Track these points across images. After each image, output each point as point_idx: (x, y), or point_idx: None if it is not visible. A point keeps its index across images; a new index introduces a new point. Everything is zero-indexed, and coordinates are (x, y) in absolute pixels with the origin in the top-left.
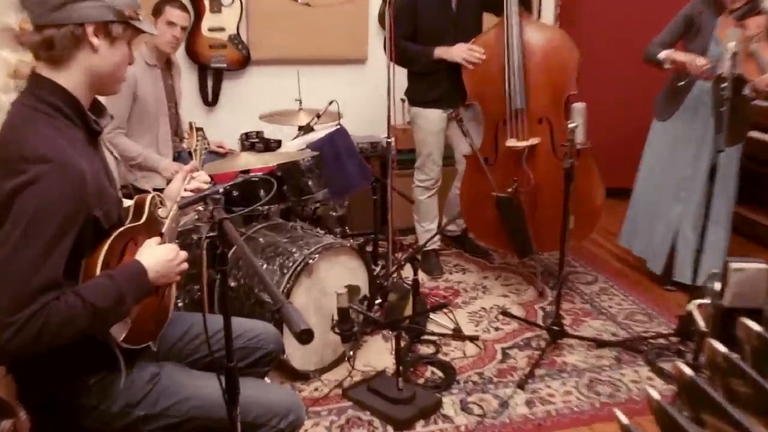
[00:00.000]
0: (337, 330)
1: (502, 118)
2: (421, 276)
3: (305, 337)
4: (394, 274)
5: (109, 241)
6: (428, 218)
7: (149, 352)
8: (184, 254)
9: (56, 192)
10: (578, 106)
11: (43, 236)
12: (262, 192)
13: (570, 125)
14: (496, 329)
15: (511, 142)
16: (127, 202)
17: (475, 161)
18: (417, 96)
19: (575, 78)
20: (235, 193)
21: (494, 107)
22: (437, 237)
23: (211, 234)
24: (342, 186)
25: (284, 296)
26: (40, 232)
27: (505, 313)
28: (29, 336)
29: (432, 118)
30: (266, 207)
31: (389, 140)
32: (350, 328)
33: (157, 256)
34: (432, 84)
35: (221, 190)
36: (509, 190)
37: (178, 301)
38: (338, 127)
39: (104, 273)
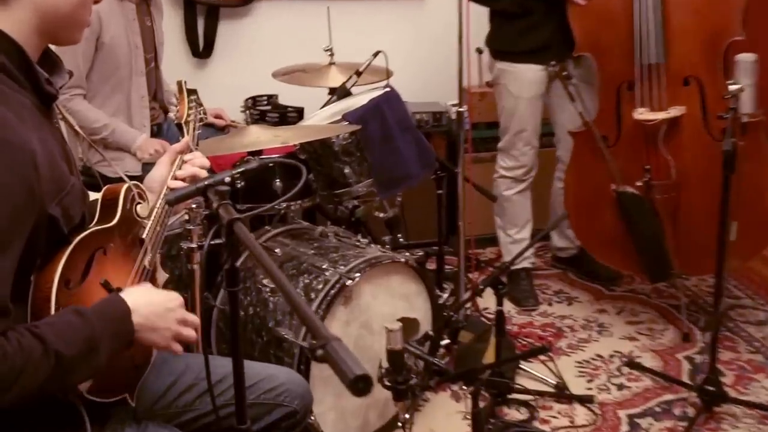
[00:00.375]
0: (387, 382)
1: (627, 78)
2: (508, 307)
3: (362, 385)
4: (469, 304)
5: (68, 251)
6: (517, 223)
7: (125, 408)
8: (196, 320)
9: None
10: (745, 60)
11: None
12: (278, 183)
13: (732, 87)
14: (620, 387)
15: (642, 114)
16: (93, 195)
17: (586, 140)
18: (504, 45)
19: (741, 18)
20: (239, 184)
21: (616, 63)
22: (530, 251)
23: (215, 241)
24: (392, 176)
25: (327, 329)
26: None
27: (633, 363)
28: None
29: (526, 78)
30: (284, 204)
31: (461, 110)
32: (405, 381)
33: (152, 299)
34: (526, 28)
35: (227, 178)
36: (638, 183)
37: None
38: (387, 90)
39: (71, 309)
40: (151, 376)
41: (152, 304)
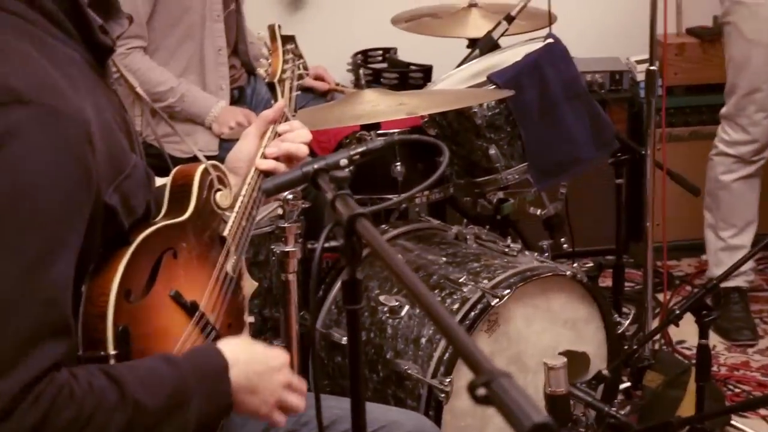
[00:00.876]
0: None
1: None
2: (714, 340)
3: None
4: (658, 335)
5: (129, 253)
6: (735, 222)
7: None
8: (300, 381)
9: (45, 160)
10: None
11: (30, 241)
12: (398, 167)
13: None
14: None
15: None
16: (159, 181)
17: None
18: None
19: None
20: (342, 171)
21: None
22: (749, 264)
23: (330, 244)
24: (555, 159)
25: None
26: (22, 235)
27: None
28: None
29: (766, 16)
30: (402, 201)
31: (652, 68)
32: None
33: (253, 354)
34: None
35: (344, 160)
36: None
37: None
38: (550, 42)
39: (159, 355)
40: (238, 419)
41: (254, 360)
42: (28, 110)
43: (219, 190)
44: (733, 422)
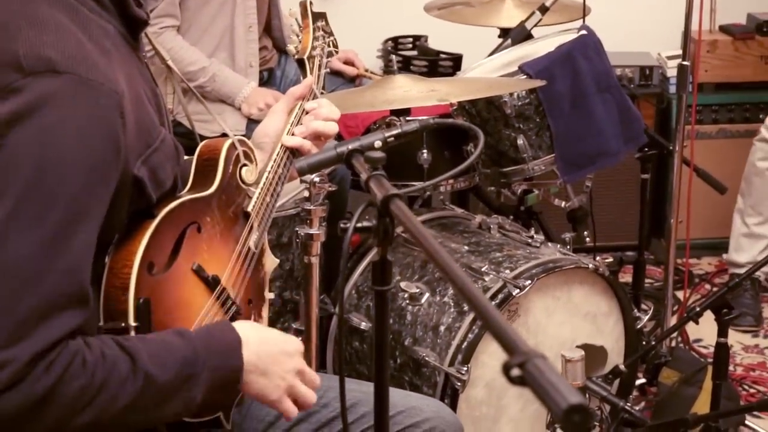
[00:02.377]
0: (560, 430)
1: None
2: (732, 340)
3: (578, 418)
4: (676, 333)
5: (153, 225)
6: (763, 210)
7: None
8: (314, 373)
9: (75, 130)
10: None
11: (55, 210)
12: (424, 154)
13: None
14: None
15: None
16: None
17: None
18: None
19: None
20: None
21: None
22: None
23: (362, 224)
24: (583, 151)
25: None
26: (48, 204)
27: None
28: (28, 398)
29: None
30: (429, 186)
31: (684, 63)
32: (579, 428)
33: (266, 336)
34: None
35: (379, 142)
36: None
37: None
38: (583, 33)
39: (172, 330)
40: (250, 406)
41: (267, 342)
42: (61, 80)
43: (245, 165)
44: (747, 422)
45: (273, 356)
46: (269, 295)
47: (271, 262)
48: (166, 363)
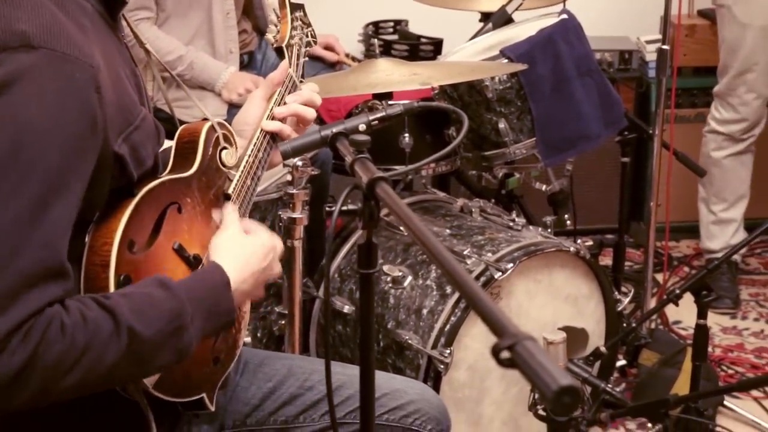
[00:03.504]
0: (541, 412)
1: None
2: (711, 321)
3: (568, 399)
4: (656, 315)
5: (133, 203)
6: (726, 197)
7: (204, 415)
8: (279, 244)
9: (49, 103)
10: None
11: (31, 184)
12: (405, 138)
13: None
14: None
15: None
16: (168, 144)
17: None
18: None
19: None
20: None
21: None
22: (740, 237)
23: (346, 207)
24: (564, 135)
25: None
26: (23, 178)
27: None
28: (6, 370)
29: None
30: (412, 170)
31: (664, 47)
32: (568, 410)
33: (248, 254)
34: None
35: (363, 125)
36: None
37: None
38: (564, 18)
39: (153, 279)
40: (244, 381)
41: (249, 262)
42: (36, 55)
43: (225, 148)
44: (726, 403)
45: (256, 272)
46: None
47: None
48: (152, 317)
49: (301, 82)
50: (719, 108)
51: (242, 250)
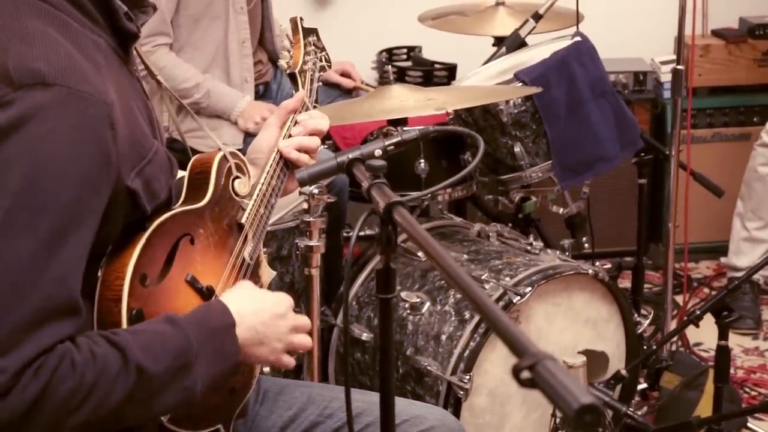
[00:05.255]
0: (578, 429)
1: None
2: (732, 343)
3: (590, 418)
4: (677, 337)
5: (145, 237)
6: (763, 215)
7: None
8: (305, 320)
9: (64, 140)
10: None
11: (45, 221)
12: (422, 164)
13: None
14: None
15: None
16: (181, 174)
17: None
18: None
19: None
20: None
21: None
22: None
23: (364, 232)
24: (580, 157)
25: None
26: (38, 215)
27: None
28: (17, 407)
29: None
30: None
31: (678, 67)
32: (590, 429)
33: (259, 305)
34: None
35: (379, 150)
36: None
37: None
38: (577, 40)
39: (163, 316)
40: (263, 410)
41: (260, 311)
42: (51, 92)
43: (237, 177)
44: (749, 424)
45: (267, 324)
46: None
47: (268, 274)
48: (159, 353)
49: (314, 107)
50: None
51: (252, 296)
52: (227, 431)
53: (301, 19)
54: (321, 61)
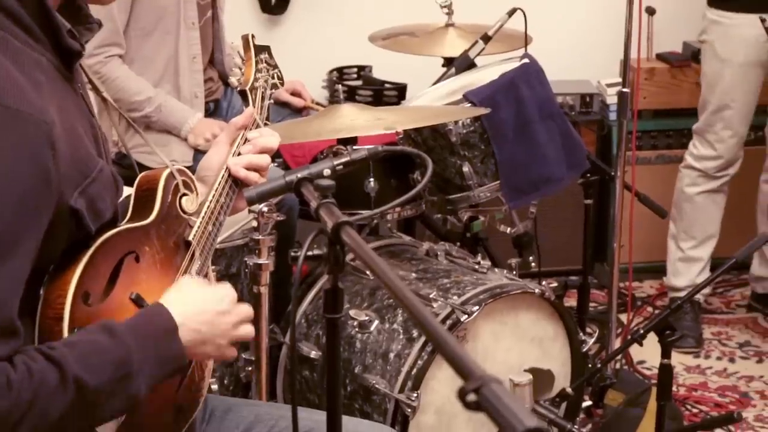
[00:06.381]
0: None
1: None
2: (674, 361)
3: None
4: (621, 355)
5: (88, 255)
6: (695, 235)
7: None
8: (247, 310)
9: (3, 160)
10: None
11: None
12: (371, 183)
13: None
14: None
15: None
16: (129, 191)
17: None
18: None
19: None
20: (327, 180)
21: None
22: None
23: (312, 252)
24: (528, 177)
25: (480, 367)
26: None
27: None
28: None
29: (739, 36)
30: (377, 214)
31: (624, 90)
32: None
33: (202, 305)
34: None
35: (328, 170)
36: None
37: (211, 379)
38: (525, 62)
39: (98, 324)
40: (210, 429)
41: (203, 312)
42: None
43: (185, 194)
44: None
45: (211, 323)
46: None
47: None
48: (97, 366)
49: (265, 124)
50: (696, 144)
51: (193, 295)
52: None
53: (253, 36)
54: (273, 78)
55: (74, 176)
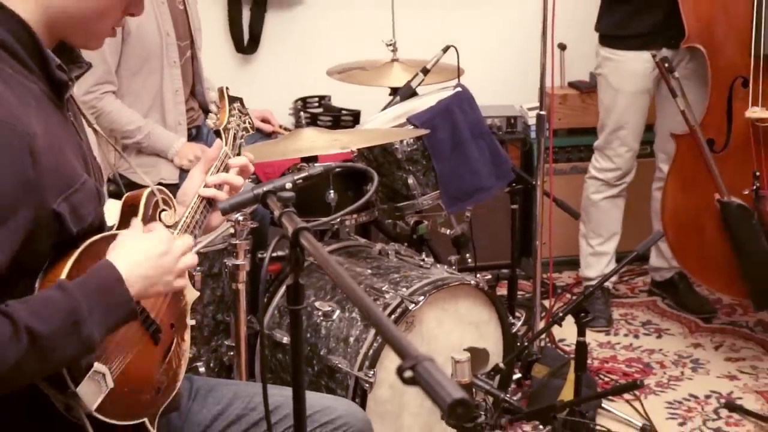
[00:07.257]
0: (451, 420)
1: (742, 73)
2: (589, 338)
3: (461, 410)
4: (545, 335)
5: (75, 254)
6: (601, 233)
7: None
8: (186, 241)
9: None
10: None
11: None
12: (331, 194)
13: None
14: None
15: (756, 113)
16: (116, 205)
17: (690, 145)
18: (609, 29)
19: None
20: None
21: (729, 55)
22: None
23: (278, 254)
24: (462, 187)
25: (415, 348)
26: None
27: (733, 406)
28: None
29: (628, 69)
30: (338, 220)
31: (541, 113)
32: (473, 419)
33: (139, 249)
34: (636, 10)
35: (289, 184)
36: (746, 192)
37: (199, 363)
38: (458, 90)
39: (54, 285)
40: (195, 405)
41: (146, 258)
42: None
43: (164, 210)
44: (603, 405)
45: (155, 266)
46: (190, 321)
47: (191, 293)
48: (47, 316)
49: (232, 153)
50: (598, 159)
51: (133, 246)
52: (152, 424)
53: (227, 88)
54: (245, 123)
55: (58, 185)
